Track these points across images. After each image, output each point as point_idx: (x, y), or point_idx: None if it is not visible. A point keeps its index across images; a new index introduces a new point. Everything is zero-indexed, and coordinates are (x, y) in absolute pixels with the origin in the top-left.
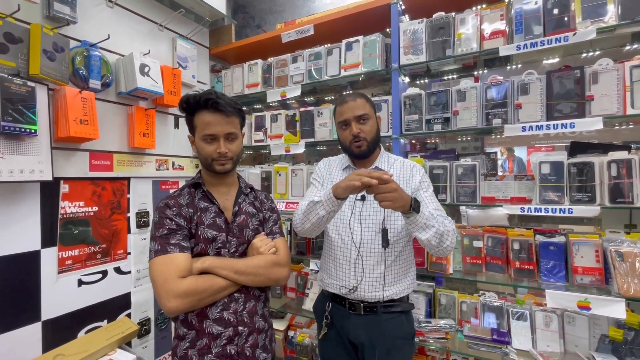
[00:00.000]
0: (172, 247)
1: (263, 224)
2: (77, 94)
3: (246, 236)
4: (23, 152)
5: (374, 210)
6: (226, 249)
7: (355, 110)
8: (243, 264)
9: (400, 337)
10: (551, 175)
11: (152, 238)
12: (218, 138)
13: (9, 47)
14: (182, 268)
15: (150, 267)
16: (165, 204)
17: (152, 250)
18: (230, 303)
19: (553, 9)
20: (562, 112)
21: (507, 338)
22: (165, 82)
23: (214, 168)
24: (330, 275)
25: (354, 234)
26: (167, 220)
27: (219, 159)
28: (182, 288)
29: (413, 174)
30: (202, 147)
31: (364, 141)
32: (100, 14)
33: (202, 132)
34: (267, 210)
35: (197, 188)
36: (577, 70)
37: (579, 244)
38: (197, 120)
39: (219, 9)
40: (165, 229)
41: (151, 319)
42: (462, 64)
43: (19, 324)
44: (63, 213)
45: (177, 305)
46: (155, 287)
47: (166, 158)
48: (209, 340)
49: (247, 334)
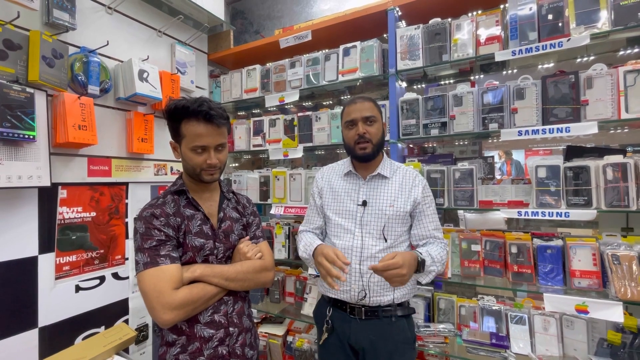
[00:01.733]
0: (163, 259)
1: (246, 228)
2: (75, 99)
3: (232, 241)
4: (21, 158)
5: (375, 216)
6: (214, 255)
7: (364, 111)
8: (233, 271)
9: (402, 341)
10: (548, 179)
11: (139, 250)
12: (209, 149)
13: (8, 53)
14: (175, 280)
15: (140, 280)
16: (152, 214)
17: (140, 263)
18: (220, 306)
19: (547, 15)
20: (558, 116)
21: (506, 342)
22: (164, 87)
23: (202, 178)
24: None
25: (355, 239)
26: (155, 231)
27: (208, 169)
28: (178, 300)
29: (415, 184)
30: (191, 157)
31: (369, 143)
32: (100, 20)
33: (193, 143)
34: (250, 215)
35: (181, 195)
36: (572, 75)
37: (576, 247)
38: (186, 130)
39: (217, 15)
40: (154, 240)
41: (149, 325)
42: (458, 69)
43: (16, 331)
44: (61, 219)
45: (173, 318)
46: (148, 300)
47: (164, 163)
48: (200, 343)
49: (237, 333)
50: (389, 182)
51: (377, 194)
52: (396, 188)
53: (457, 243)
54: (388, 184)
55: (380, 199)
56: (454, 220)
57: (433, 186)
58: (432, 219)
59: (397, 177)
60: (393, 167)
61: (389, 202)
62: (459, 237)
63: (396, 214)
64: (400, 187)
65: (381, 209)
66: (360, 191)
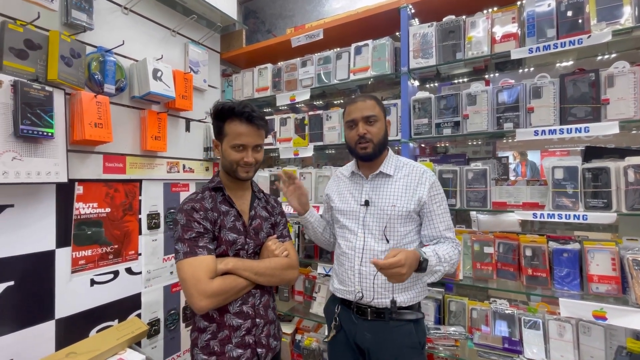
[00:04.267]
0: (201, 250)
1: (274, 227)
2: (92, 98)
3: (261, 238)
4: (40, 155)
5: (377, 216)
6: (244, 250)
7: (364, 110)
8: (262, 267)
9: (408, 346)
10: (565, 180)
11: (180, 240)
12: (247, 148)
13: (29, 53)
14: (210, 270)
15: (180, 267)
16: (192, 207)
17: (180, 252)
18: (249, 298)
19: (567, 11)
20: (577, 116)
21: (519, 347)
22: (177, 86)
23: (237, 174)
24: (339, 280)
25: (357, 239)
26: (195, 224)
27: (244, 166)
28: (213, 289)
29: (422, 181)
30: (230, 153)
31: (370, 143)
32: (116, 20)
33: (233, 141)
34: (278, 215)
35: (218, 192)
36: (592, 73)
37: (595, 251)
38: (229, 129)
39: (230, 15)
40: (194, 232)
41: (160, 320)
42: (472, 67)
43: (34, 322)
44: (77, 214)
45: (207, 304)
46: (186, 287)
47: (177, 161)
48: (229, 331)
49: (263, 325)
50: (392, 181)
51: (379, 193)
52: (400, 186)
53: (469, 245)
54: (391, 182)
55: (383, 198)
56: (466, 221)
57: (445, 186)
58: (443, 218)
59: (402, 174)
60: (399, 164)
61: (391, 202)
62: (471, 238)
63: (398, 213)
64: (405, 185)
65: (383, 208)
66: (362, 191)
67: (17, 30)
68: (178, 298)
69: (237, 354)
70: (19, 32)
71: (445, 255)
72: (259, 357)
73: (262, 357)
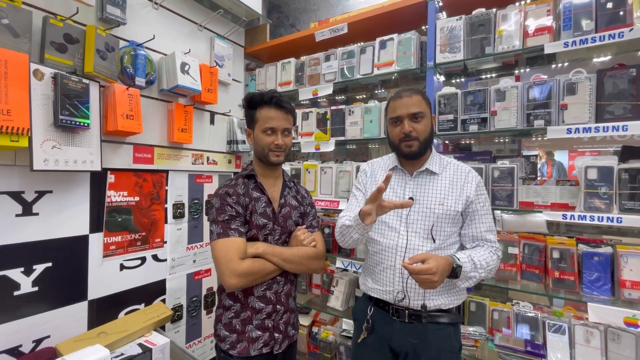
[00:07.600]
0: (233, 232)
1: (303, 217)
2: (124, 90)
3: (289, 226)
4: (77, 144)
5: (423, 214)
6: (272, 235)
7: (410, 107)
8: (290, 254)
9: (446, 349)
10: (598, 181)
11: (214, 222)
12: (277, 132)
13: (68, 47)
14: (241, 251)
15: (214, 247)
16: (226, 192)
17: (214, 233)
18: (273, 284)
19: (607, 3)
20: (614, 113)
21: (542, 351)
22: (203, 80)
23: (269, 159)
24: (375, 279)
25: (400, 237)
26: (228, 207)
27: (275, 150)
28: (243, 268)
29: (468, 180)
30: (262, 138)
31: (416, 141)
32: (147, 15)
33: (264, 125)
34: (308, 205)
35: (250, 179)
36: (633, 69)
37: (628, 256)
38: (260, 115)
39: (255, 9)
40: (227, 214)
41: (183, 306)
42: (502, 62)
43: (69, 302)
44: (109, 201)
45: (236, 283)
46: (218, 265)
47: (202, 153)
48: (251, 313)
49: (283, 312)
50: (438, 179)
51: (425, 191)
52: (446, 185)
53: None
54: (437, 180)
55: (429, 196)
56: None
57: None
58: (485, 219)
59: (448, 173)
60: (443, 163)
61: (438, 200)
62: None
63: (446, 213)
64: (451, 184)
65: (429, 207)
66: (406, 187)
67: (58, 25)
68: (200, 286)
69: (256, 335)
70: (59, 26)
71: (482, 261)
72: (276, 342)
73: (278, 342)
